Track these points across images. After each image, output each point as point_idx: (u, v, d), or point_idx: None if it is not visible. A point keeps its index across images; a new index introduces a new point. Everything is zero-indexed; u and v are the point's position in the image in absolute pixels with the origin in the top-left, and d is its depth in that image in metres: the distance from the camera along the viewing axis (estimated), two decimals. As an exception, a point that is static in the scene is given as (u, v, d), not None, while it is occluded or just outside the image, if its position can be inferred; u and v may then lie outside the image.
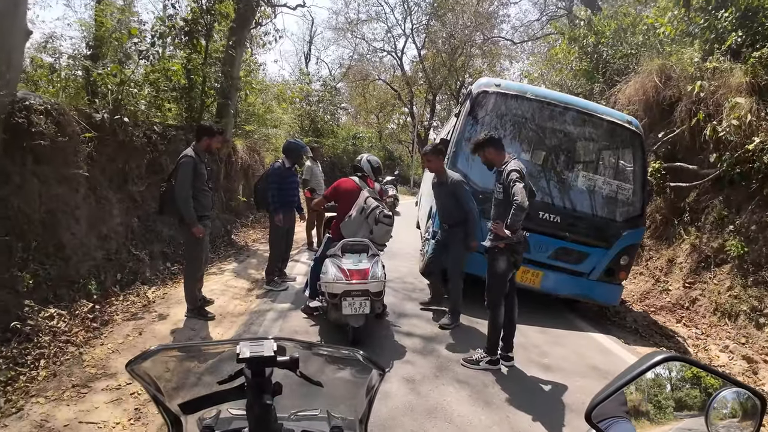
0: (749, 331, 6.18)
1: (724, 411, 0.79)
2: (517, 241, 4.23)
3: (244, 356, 0.89)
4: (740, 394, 0.79)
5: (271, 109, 14.45)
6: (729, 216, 7.28)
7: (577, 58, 12.70)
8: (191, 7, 8.61)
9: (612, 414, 0.77)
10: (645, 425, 0.81)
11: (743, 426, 0.78)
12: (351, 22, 33.11)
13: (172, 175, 4.85)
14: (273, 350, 0.91)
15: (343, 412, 1.17)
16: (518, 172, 4.10)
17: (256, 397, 0.91)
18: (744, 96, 6.99)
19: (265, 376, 0.92)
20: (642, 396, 0.81)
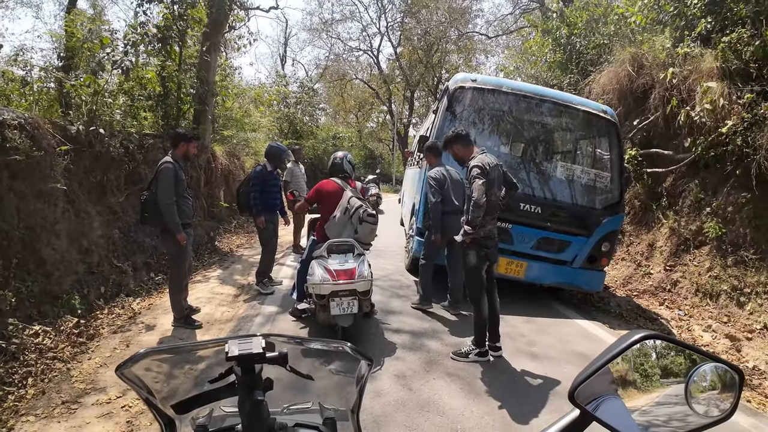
0: (731, 310, 6.32)
1: (704, 384, 0.83)
2: (485, 236, 4.28)
3: (233, 354, 0.90)
4: (718, 368, 0.83)
5: (249, 113, 14.38)
6: (705, 198, 7.44)
7: (551, 50, 12.83)
8: (163, 14, 8.51)
9: (601, 393, 0.80)
10: (632, 393, 0.84)
11: (723, 398, 0.82)
12: (326, 23, 33.07)
13: (151, 184, 4.78)
14: (261, 347, 0.92)
15: (335, 404, 1.19)
16: (480, 167, 4.11)
17: (247, 393, 0.93)
18: (715, 80, 7.14)
19: (254, 373, 0.93)
20: (628, 365, 0.85)
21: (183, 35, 8.84)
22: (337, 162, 4.99)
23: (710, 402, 0.82)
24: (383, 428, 3.15)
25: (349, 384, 1.12)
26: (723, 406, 0.82)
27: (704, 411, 0.81)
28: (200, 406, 1.03)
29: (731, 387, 0.82)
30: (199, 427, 1.04)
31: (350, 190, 4.82)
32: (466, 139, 4.44)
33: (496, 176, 4.31)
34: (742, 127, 6.55)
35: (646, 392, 0.83)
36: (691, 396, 0.82)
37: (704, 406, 0.82)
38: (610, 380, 0.82)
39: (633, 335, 0.81)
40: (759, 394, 4.59)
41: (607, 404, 0.79)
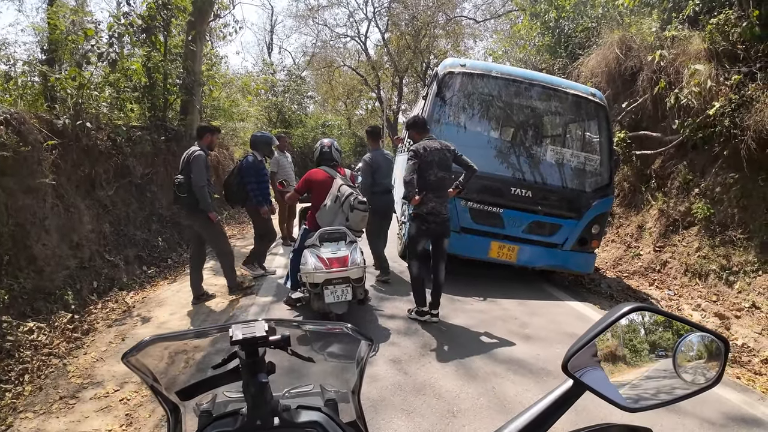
0: (719, 289, 6.41)
1: (691, 353, 0.85)
2: (428, 212, 4.75)
3: (237, 338, 0.92)
4: (705, 337, 0.86)
5: (236, 103, 14.29)
6: (694, 180, 7.51)
7: (540, 33, 12.79)
8: (147, 4, 8.40)
9: (584, 365, 0.82)
10: (622, 368, 0.87)
11: (709, 367, 0.85)
12: (312, 9, 32.67)
13: (183, 170, 5.26)
14: (264, 330, 0.94)
15: (336, 385, 1.21)
16: (413, 151, 4.71)
17: (252, 376, 0.94)
18: (703, 62, 7.16)
19: (258, 356, 0.95)
20: (618, 341, 0.87)
21: (168, 25, 8.75)
22: (326, 150, 4.98)
23: (697, 371, 0.85)
24: (380, 412, 3.19)
25: (349, 365, 1.14)
26: (709, 375, 0.85)
27: (691, 379, 0.84)
28: (204, 392, 1.05)
29: (717, 356, 0.85)
30: (203, 412, 1.05)
31: (340, 178, 4.82)
32: (420, 126, 5.04)
33: (436, 159, 4.73)
34: (730, 108, 6.60)
35: (635, 364, 0.86)
36: (678, 365, 0.84)
37: (691, 374, 0.85)
38: (592, 353, 0.84)
39: (622, 307, 0.83)
40: (748, 370, 4.68)
41: (591, 374, 0.82)
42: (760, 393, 4.16)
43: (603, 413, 2.91)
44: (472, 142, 6.36)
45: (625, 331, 0.88)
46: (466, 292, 6.00)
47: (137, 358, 0.99)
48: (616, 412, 0.85)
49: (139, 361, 1.00)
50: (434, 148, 4.74)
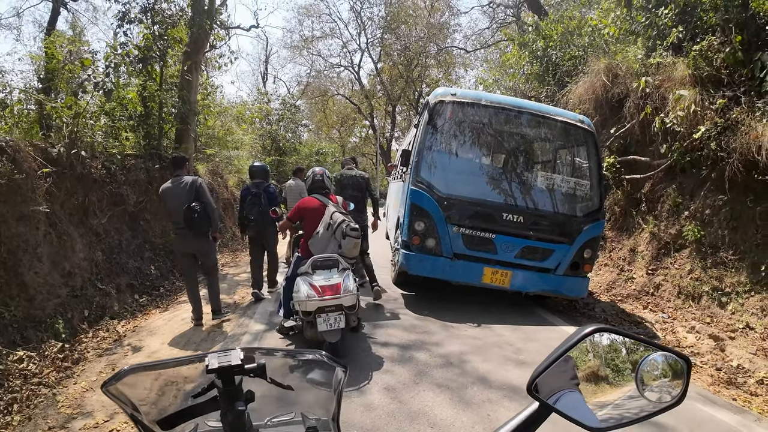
0: (713, 311, 6.43)
1: (656, 373, 0.87)
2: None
3: (213, 367, 0.92)
4: (668, 357, 0.88)
5: (231, 131, 14.39)
6: (683, 202, 7.59)
7: (528, 62, 13.03)
8: (144, 34, 8.54)
9: (561, 387, 0.84)
10: (599, 390, 0.88)
11: (674, 385, 0.87)
12: (306, 40, 33.30)
13: (195, 197, 5.47)
14: (240, 359, 0.94)
15: (318, 413, 1.21)
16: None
17: (229, 405, 0.95)
18: (687, 88, 7.31)
19: (235, 385, 0.96)
20: (600, 362, 0.89)
21: (164, 55, 8.87)
22: (318, 178, 5.03)
23: (662, 389, 0.87)
24: (374, 441, 3.16)
25: (329, 393, 1.14)
26: (674, 393, 0.86)
27: (657, 398, 0.86)
28: (185, 422, 1.04)
29: (680, 374, 0.87)
30: None
31: (332, 206, 4.85)
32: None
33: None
34: (716, 131, 6.72)
35: (602, 385, 0.88)
36: (644, 384, 0.86)
37: (657, 393, 0.87)
38: (569, 375, 0.86)
39: (585, 329, 0.85)
40: (744, 392, 4.67)
41: (566, 397, 0.83)
42: (756, 414, 4.15)
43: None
44: (463, 169, 6.46)
45: (592, 349, 0.90)
46: (460, 319, 5.99)
47: (116, 387, 0.99)
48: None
49: (118, 390, 0.99)
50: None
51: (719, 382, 4.85)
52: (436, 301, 6.68)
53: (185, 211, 5.36)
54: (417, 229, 6.18)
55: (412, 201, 6.22)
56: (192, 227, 5.45)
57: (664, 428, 3.67)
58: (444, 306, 6.50)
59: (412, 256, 6.28)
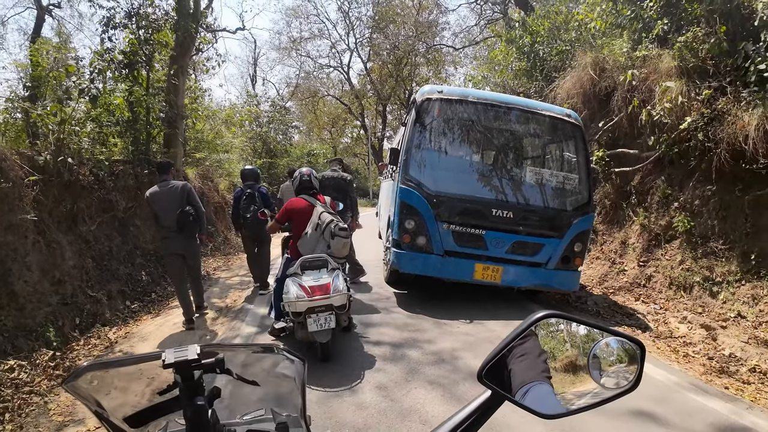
0: (704, 301, 6.47)
1: (611, 358, 0.87)
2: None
3: (170, 362, 0.92)
4: (622, 342, 0.88)
5: (220, 135, 14.34)
6: (673, 194, 7.63)
7: (516, 58, 13.06)
8: (129, 39, 8.50)
9: (531, 379, 0.84)
10: (574, 378, 0.88)
11: (630, 370, 0.87)
12: (294, 41, 33.24)
13: (185, 203, 5.62)
14: (197, 353, 0.94)
15: (288, 409, 1.20)
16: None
17: (189, 400, 0.94)
18: (674, 79, 7.35)
19: (194, 380, 0.95)
20: (577, 351, 0.88)
21: (150, 59, 8.84)
22: (306, 179, 5.00)
23: (619, 375, 0.87)
24: (366, 440, 3.16)
25: (293, 386, 1.14)
26: (630, 378, 0.87)
27: (614, 383, 0.86)
28: (154, 419, 1.03)
29: (635, 360, 0.87)
30: None
31: (320, 206, 4.84)
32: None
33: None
34: (703, 122, 6.76)
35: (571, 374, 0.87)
36: (601, 370, 0.86)
37: (614, 378, 0.87)
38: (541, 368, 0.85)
39: (534, 315, 0.85)
40: (736, 380, 4.70)
41: (535, 389, 0.83)
42: (748, 402, 4.18)
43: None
44: (452, 166, 6.46)
45: (584, 340, 0.90)
46: (452, 316, 6.00)
47: (77, 385, 0.98)
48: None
49: (80, 387, 0.99)
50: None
51: (711, 371, 4.88)
52: (428, 299, 6.69)
53: (179, 215, 5.53)
54: (407, 227, 6.18)
55: (401, 199, 6.22)
56: (184, 230, 5.64)
57: (655, 418, 3.70)
58: (436, 303, 6.51)
59: (403, 255, 6.28)
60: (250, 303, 6.75)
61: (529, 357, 0.86)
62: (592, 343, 0.88)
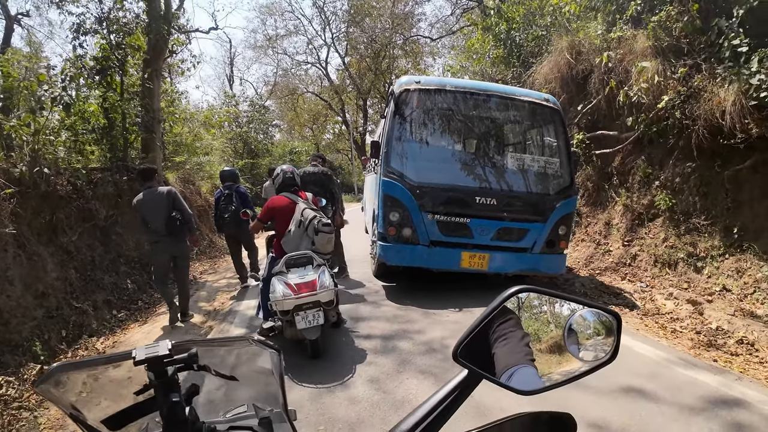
0: (689, 276, 6.56)
1: (588, 331, 0.87)
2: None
3: (140, 358, 0.90)
4: (598, 314, 0.88)
5: (199, 137, 14.19)
6: (653, 173, 7.71)
7: (493, 46, 13.08)
8: (101, 45, 8.36)
9: (515, 363, 0.83)
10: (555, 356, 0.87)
11: (608, 342, 0.87)
12: (270, 39, 32.98)
13: (172, 207, 5.75)
14: (168, 348, 0.92)
15: (271, 404, 1.19)
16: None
17: (164, 397, 0.92)
18: (649, 59, 7.40)
19: (167, 376, 0.93)
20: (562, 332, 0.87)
21: (123, 64, 8.70)
22: (289, 176, 4.94)
23: (597, 347, 0.86)
24: (360, 434, 3.16)
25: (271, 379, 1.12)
26: (608, 350, 0.86)
27: (593, 356, 0.86)
28: (133, 421, 1.01)
29: (612, 331, 0.87)
30: None
31: (302, 202, 4.80)
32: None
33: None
34: (679, 100, 6.82)
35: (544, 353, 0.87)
36: (578, 344, 0.85)
37: (592, 351, 0.86)
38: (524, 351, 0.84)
39: (506, 291, 0.84)
40: (724, 352, 4.77)
41: (519, 372, 0.82)
42: (737, 373, 4.24)
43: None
44: (433, 156, 6.46)
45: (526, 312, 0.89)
46: (441, 305, 6.01)
47: (48, 388, 0.95)
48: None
49: (51, 390, 0.96)
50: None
51: (699, 345, 4.95)
52: (417, 290, 6.70)
53: (167, 221, 5.68)
54: (392, 219, 6.17)
55: (384, 192, 6.21)
56: (174, 234, 5.80)
57: (645, 393, 3.74)
58: (425, 294, 6.52)
59: (389, 247, 6.28)
60: (239, 303, 6.70)
61: (511, 341, 0.85)
62: (567, 316, 0.87)
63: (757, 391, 3.84)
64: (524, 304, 0.89)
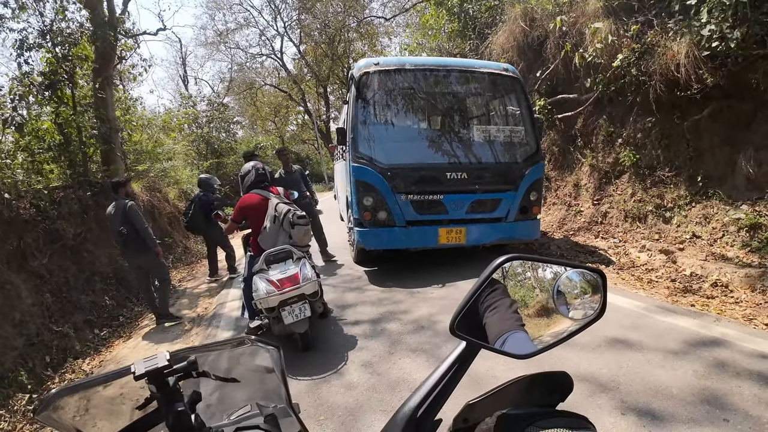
0: (660, 228, 6.75)
1: (575, 291, 0.90)
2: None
3: (141, 372, 0.90)
4: (583, 273, 0.91)
5: (160, 143, 13.88)
6: (615, 131, 7.87)
7: (447, 20, 13.05)
8: (47, 59, 8.07)
9: (507, 329, 0.85)
10: (545, 320, 0.90)
11: (595, 300, 0.90)
12: (221, 34, 32.29)
13: (123, 222, 5.87)
14: (166, 359, 0.92)
15: (274, 400, 1.20)
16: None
17: (169, 408, 0.92)
18: (601, 20, 7.52)
19: (169, 387, 0.94)
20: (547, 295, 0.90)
21: (72, 76, 8.41)
22: (261, 173, 4.86)
23: (585, 305, 0.89)
24: (360, 419, 3.19)
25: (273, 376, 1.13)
26: (596, 307, 0.89)
27: (582, 315, 0.89)
28: None
29: (598, 288, 0.90)
30: None
31: (274, 197, 4.76)
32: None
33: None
34: (634, 57, 6.95)
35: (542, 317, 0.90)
36: (567, 304, 0.88)
37: (581, 310, 0.89)
38: (514, 317, 0.87)
39: (495, 262, 0.86)
40: (701, 296, 4.95)
41: (512, 338, 0.85)
42: (714, 315, 4.41)
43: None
44: (400, 136, 6.47)
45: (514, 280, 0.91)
46: (424, 283, 6.08)
47: (49, 414, 0.95)
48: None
49: (53, 416, 0.96)
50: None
51: (676, 293, 5.11)
52: (398, 271, 6.74)
53: (117, 234, 5.96)
54: (366, 204, 6.17)
55: (355, 177, 6.20)
56: (127, 246, 6.04)
57: (629, 344, 3.86)
58: (407, 274, 6.57)
59: (366, 233, 6.29)
60: (223, 306, 6.65)
61: (501, 309, 0.87)
62: (553, 279, 0.90)
63: (736, 330, 4.00)
64: (508, 273, 0.91)
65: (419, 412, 0.82)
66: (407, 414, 0.82)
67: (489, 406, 0.87)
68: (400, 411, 0.83)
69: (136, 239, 5.96)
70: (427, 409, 0.83)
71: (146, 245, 6.02)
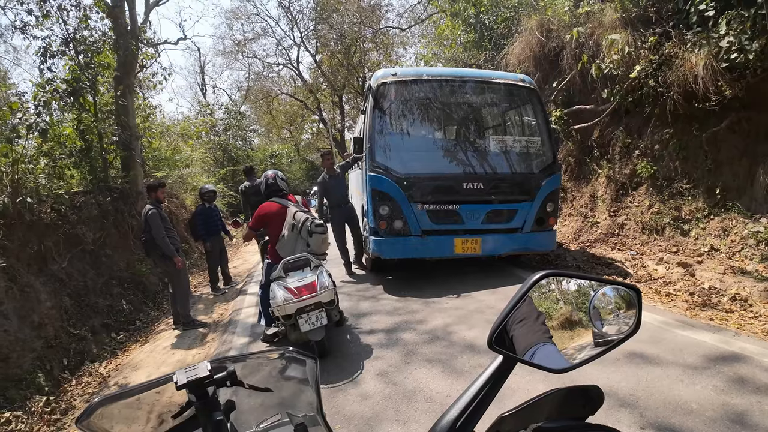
0: (677, 240, 6.67)
1: (610, 307, 0.91)
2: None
3: (182, 382, 0.92)
4: (618, 290, 0.92)
5: (178, 150, 14.06)
6: (633, 142, 7.82)
7: (463, 31, 13.09)
8: (69, 66, 8.24)
9: (536, 342, 0.86)
10: (574, 334, 0.91)
11: (629, 315, 0.91)
12: (239, 44, 32.57)
13: (145, 228, 6.02)
14: (208, 370, 0.95)
15: (303, 410, 1.21)
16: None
17: (207, 417, 0.94)
18: (618, 31, 7.49)
19: (209, 396, 0.96)
20: (571, 308, 0.91)
21: (94, 84, 8.58)
22: (272, 182, 4.95)
23: (619, 321, 0.91)
24: (376, 429, 3.18)
25: (307, 387, 1.15)
26: (630, 322, 0.90)
27: (616, 330, 0.90)
28: None
29: (633, 304, 0.91)
30: None
31: (293, 206, 4.80)
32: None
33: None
34: (652, 69, 6.91)
35: (571, 330, 0.90)
36: (602, 319, 0.89)
37: (615, 325, 0.90)
38: (542, 330, 0.88)
39: (533, 277, 0.87)
40: (719, 311, 4.87)
41: (541, 350, 0.86)
42: (734, 330, 4.35)
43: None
44: (416, 146, 6.50)
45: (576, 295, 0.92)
46: (439, 293, 6.07)
47: (91, 422, 0.97)
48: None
49: (94, 424, 0.97)
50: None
51: (694, 306, 5.04)
52: (413, 280, 6.74)
53: (142, 242, 6.28)
54: (382, 213, 6.19)
55: (372, 186, 6.22)
56: (148, 254, 6.35)
57: (648, 358, 3.81)
58: (422, 283, 6.56)
59: (382, 241, 6.30)
60: (238, 312, 6.68)
61: (528, 321, 0.88)
62: (587, 296, 0.91)
63: (756, 345, 3.94)
64: (540, 290, 0.92)
65: (458, 425, 0.83)
66: (446, 427, 0.83)
67: (522, 418, 0.88)
68: (439, 423, 0.84)
69: (155, 246, 6.02)
70: (465, 422, 0.84)
71: (163, 254, 6.05)
